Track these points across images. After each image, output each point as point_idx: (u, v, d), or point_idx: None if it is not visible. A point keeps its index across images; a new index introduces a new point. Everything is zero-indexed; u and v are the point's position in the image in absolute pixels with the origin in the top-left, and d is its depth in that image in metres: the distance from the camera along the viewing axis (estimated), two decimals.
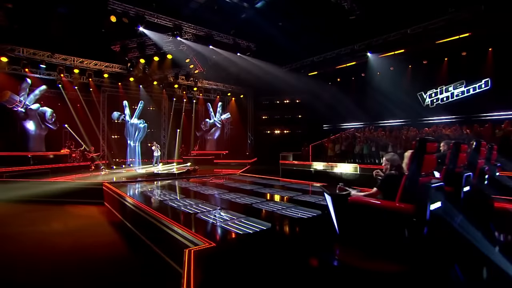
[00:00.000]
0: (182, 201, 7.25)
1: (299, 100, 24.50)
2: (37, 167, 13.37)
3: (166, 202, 7.09)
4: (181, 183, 10.99)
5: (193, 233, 4.21)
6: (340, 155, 16.30)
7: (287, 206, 6.56)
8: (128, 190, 9.09)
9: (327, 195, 3.40)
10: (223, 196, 8.11)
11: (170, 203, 6.90)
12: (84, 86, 17.47)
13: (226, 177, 13.27)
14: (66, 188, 10.18)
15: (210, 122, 22.13)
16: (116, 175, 13.18)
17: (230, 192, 8.65)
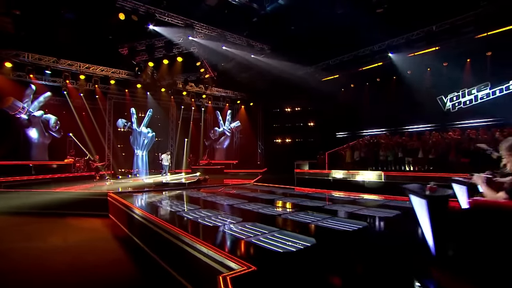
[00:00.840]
0: (198, 212, 6.26)
1: (311, 108, 23.66)
2: (39, 177, 12.55)
3: (180, 213, 6.12)
4: (192, 193, 10.03)
5: (225, 254, 3.22)
6: (359, 163, 15.31)
7: (322, 217, 5.56)
8: (136, 201, 8.15)
9: (418, 198, 2.41)
10: (243, 206, 7.12)
11: (184, 215, 5.93)
12: (90, 93, 16.86)
13: (240, 186, 12.29)
14: (67, 198, 9.28)
15: (219, 130, 21.30)
16: (122, 185, 12.28)
17: (249, 202, 7.66)
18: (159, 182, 12.10)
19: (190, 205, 7.24)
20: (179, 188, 11.27)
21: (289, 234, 4.40)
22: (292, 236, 4.26)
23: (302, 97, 22.15)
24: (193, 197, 9.09)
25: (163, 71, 15.44)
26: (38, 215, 9.04)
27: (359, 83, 18.83)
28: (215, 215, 5.85)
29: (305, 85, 20.41)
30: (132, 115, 17.74)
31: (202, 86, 19.62)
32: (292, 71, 18.66)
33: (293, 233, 4.41)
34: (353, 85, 19.79)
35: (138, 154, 17.51)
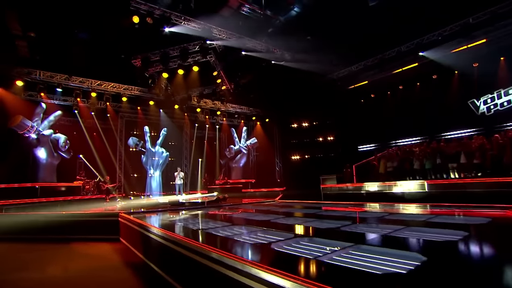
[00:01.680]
0: (233, 229, 4.97)
1: (330, 121, 22.53)
2: (45, 200, 11.51)
3: (211, 231, 4.83)
4: (215, 211, 8.73)
5: (309, 283, 1.94)
6: (393, 174, 13.94)
7: (396, 228, 4.21)
8: (152, 221, 6.90)
9: None
10: (282, 221, 5.79)
11: (217, 233, 4.65)
12: (101, 112, 16.21)
13: (265, 203, 10.94)
14: (72, 221, 8.12)
15: (235, 148, 20.19)
16: (134, 205, 11.09)
17: (286, 217, 6.32)
18: (175, 201, 10.85)
19: (220, 223, 5.95)
20: (198, 207, 9.98)
21: (373, 250, 3.10)
22: (381, 253, 2.95)
23: (320, 110, 21.18)
24: (219, 214, 7.80)
25: (178, 83, 14.67)
26: (39, 241, 7.88)
27: (384, 90, 17.78)
28: (254, 232, 4.55)
29: (323, 97, 19.51)
30: (145, 134, 16.87)
31: (217, 102, 18.84)
32: (311, 80, 17.82)
33: (382, 249, 3.10)
34: (377, 93, 18.75)
35: (151, 174, 16.41)
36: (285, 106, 20.53)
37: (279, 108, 20.98)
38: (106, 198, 14.33)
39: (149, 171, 16.46)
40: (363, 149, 19.18)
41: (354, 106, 19.63)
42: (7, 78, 12.67)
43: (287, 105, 20.42)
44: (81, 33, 14.19)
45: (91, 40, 13.19)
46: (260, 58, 13.50)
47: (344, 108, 20.30)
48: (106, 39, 12.25)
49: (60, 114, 14.33)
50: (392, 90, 17.56)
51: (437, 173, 12.22)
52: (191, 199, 11.88)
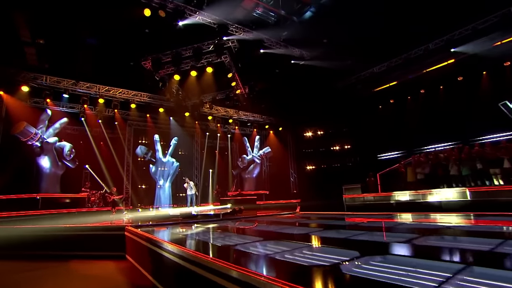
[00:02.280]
0: (264, 246, 3.88)
1: (346, 129, 21.44)
2: (46, 212, 10.57)
3: (240, 248, 3.76)
4: (234, 224, 7.64)
5: None
6: (424, 181, 12.75)
7: (494, 243, 3.11)
8: (164, 235, 5.87)
9: None
10: (328, 234, 4.69)
11: (250, 250, 3.57)
12: (109, 120, 15.46)
13: (286, 215, 9.82)
14: (72, 235, 7.11)
15: (248, 158, 19.16)
16: (142, 218, 10.05)
17: (327, 230, 5.22)
18: (187, 214, 9.78)
19: (247, 237, 4.87)
20: (214, 220, 8.88)
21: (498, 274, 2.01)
22: None
23: (335, 117, 20.19)
24: (241, 227, 6.70)
25: (189, 88, 13.84)
26: (34, 258, 6.88)
27: (405, 94, 16.75)
28: (299, 248, 3.46)
29: (339, 103, 18.56)
30: (155, 143, 16.01)
31: (229, 110, 18.00)
32: (327, 85, 16.90)
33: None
34: (397, 98, 17.69)
35: (160, 186, 15.41)
36: (299, 113, 19.60)
37: (293, 116, 20.04)
38: (112, 210, 13.35)
39: (158, 182, 15.47)
40: (385, 157, 17.97)
41: (372, 112, 18.69)
42: (12, 83, 12.06)
43: (301, 113, 19.49)
44: (89, 35, 13.68)
45: (99, 42, 12.61)
46: (278, 58, 12.63)
47: (361, 115, 19.34)
48: (115, 40, 11.58)
49: (66, 121, 13.62)
50: (414, 93, 16.56)
51: (477, 180, 11.02)
52: (205, 211, 10.80)
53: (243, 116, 18.91)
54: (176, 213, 10.15)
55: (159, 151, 15.81)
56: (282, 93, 15.88)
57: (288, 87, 15.65)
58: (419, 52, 13.08)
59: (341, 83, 17.58)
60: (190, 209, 11.39)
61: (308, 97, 17.59)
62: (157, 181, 15.54)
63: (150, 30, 10.22)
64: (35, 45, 13.18)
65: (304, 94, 17.11)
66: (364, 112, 19.14)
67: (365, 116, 19.20)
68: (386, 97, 18.06)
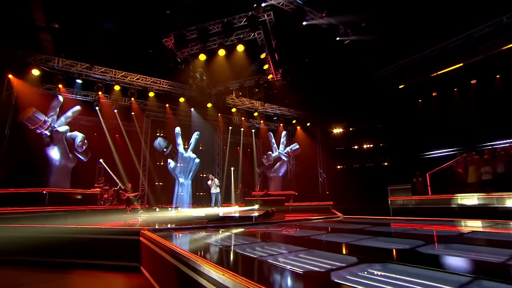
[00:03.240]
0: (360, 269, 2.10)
1: (381, 125, 19.35)
2: (53, 209, 9.22)
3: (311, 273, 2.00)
4: (275, 230, 5.91)
5: None
6: (491, 182, 10.64)
7: None
8: (193, 245, 4.22)
9: None
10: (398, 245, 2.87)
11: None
12: (125, 110, 14.16)
13: (331, 219, 8.02)
14: (76, 239, 5.61)
15: (274, 155, 17.43)
16: (161, 219, 8.51)
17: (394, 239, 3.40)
18: (214, 216, 8.15)
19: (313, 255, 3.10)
20: (247, 224, 7.18)
21: None
22: None
23: (369, 113, 18.17)
24: (291, 236, 4.97)
25: (215, 72, 12.21)
26: (29, 265, 5.44)
27: (451, 86, 14.70)
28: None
29: (377, 96, 16.58)
30: (176, 136, 14.55)
31: (254, 102, 16.37)
32: (362, 76, 14.97)
33: None
34: (442, 91, 15.58)
35: (181, 183, 13.92)
36: (330, 107, 17.73)
37: (324, 110, 18.15)
38: (127, 209, 11.94)
39: (178, 179, 13.97)
40: (432, 155, 15.86)
41: (411, 107, 16.72)
42: (22, 65, 10.90)
43: (333, 106, 17.60)
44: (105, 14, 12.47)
45: (115, 22, 11.31)
46: (319, 36, 10.80)
47: (398, 110, 17.27)
48: (133, 19, 10.18)
49: (79, 109, 12.38)
50: (461, 85, 14.51)
51: None
52: (232, 212, 9.13)
53: (269, 109, 17.20)
54: (200, 215, 8.54)
55: (180, 145, 14.34)
56: (315, 82, 14.05)
57: (322, 75, 13.83)
58: (483, 31, 10.81)
59: (379, 73, 15.60)
60: (216, 210, 9.80)
61: (342, 89, 15.75)
62: (177, 178, 14.05)
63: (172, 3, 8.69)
64: (50, 30, 12.11)
65: (338, 85, 15.29)
66: (402, 106, 17.16)
67: (403, 111, 17.21)
68: (428, 90, 16.10)
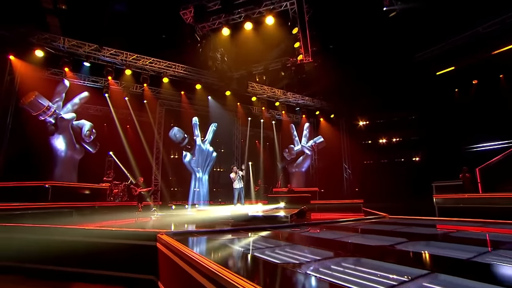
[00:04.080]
0: None
1: (414, 116, 17.68)
2: (56, 205, 8.11)
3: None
4: (325, 233, 4.56)
5: None
6: None
7: None
8: (224, 253, 2.89)
9: None
10: None
11: None
12: (137, 98, 13.02)
13: (373, 220, 6.63)
14: (74, 243, 4.40)
15: (297, 149, 16.03)
16: (179, 219, 7.27)
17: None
18: (241, 216, 6.83)
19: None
20: (282, 225, 5.84)
21: None
22: None
23: (401, 103, 16.54)
24: (357, 244, 3.58)
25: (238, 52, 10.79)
26: (19, 272, 4.28)
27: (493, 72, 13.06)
28: None
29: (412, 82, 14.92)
30: (194, 127, 13.36)
31: (276, 91, 14.99)
32: (403, 58, 13.36)
33: None
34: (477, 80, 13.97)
35: (198, 177, 12.71)
36: (357, 97, 16.18)
37: (350, 100, 16.60)
38: (139, 206, 10.79)
39: (196, 174, 12.75)
40: (480, 149, 14.19)
41: (449, 96, 15.09)
42: (24, 45, 9.83)
43: (361, 96, 16.04)
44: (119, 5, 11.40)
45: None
46: (361, 7, 9.26)
47: (435, 100, 15.59)
48: None
49: (87, 96, 11.29)
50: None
51: None
52: (260, 211, 7.79)
53: (292, 98, 15.75)
54: (224, 214, 7.25)
55: (198, 137, 13.13)
56: (347, 66, 12.53)
57: (356, 57, 12.31)
58: None
59: (419, 56, 13.91)
60: (240, 208, 8.51)
61: (375, 74, 14.18)
62: (195, 172, 12.83)
63: None
64: (57, 12, 11.04)
65: (371, 70, 13.74)
66: (442, 94, 15.52)
67: (443, 100, 15.57)
68: (468, 76, 14.46)
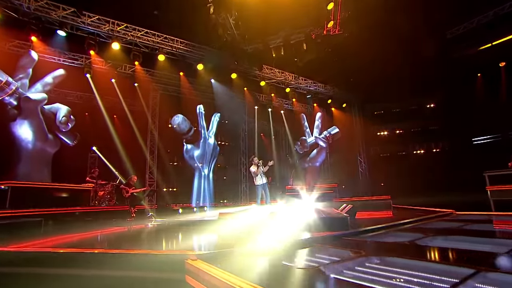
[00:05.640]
0: None
1: (433, 104, 16.24)
2: (17, 212, 5.80)
3: None
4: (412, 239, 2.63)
5: None
6: None
7: None
8: None
9: None
10: None
11: None
12: (127, 81, 10.74)
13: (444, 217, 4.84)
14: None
15: (310, 141, 14.18)
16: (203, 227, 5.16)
17: None
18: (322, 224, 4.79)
19: None
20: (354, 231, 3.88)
21: None
22: None
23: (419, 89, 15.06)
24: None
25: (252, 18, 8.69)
26: None
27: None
28: None
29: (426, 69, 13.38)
30: (199, 116, 11.29)
31: (288, 75, 13.07)
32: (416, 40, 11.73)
33: None
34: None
35: (204, 175, 10.61)
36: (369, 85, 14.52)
37: (364, 87, 14.92)
38: (131, 211, 8.55)
39: (202, 171, 10.62)
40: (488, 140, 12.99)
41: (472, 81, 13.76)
42: None
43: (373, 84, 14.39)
44: None
45: None
46: None
47: (457, 85, 14.18)
48: None
49: (62, 74, 8.91)
50: None
51: None
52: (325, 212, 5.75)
53: (303, 84, 13.86)
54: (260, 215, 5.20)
55: (204, 129, 11.06)
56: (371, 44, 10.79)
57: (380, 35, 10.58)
58: None
59: (449, 32, 12.36)
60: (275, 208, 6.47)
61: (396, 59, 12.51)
62: (199, 169, 10.68)
63: None
64: None
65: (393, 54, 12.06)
66: (462, 81, 14.10)
67: (464, 87, 14.17)
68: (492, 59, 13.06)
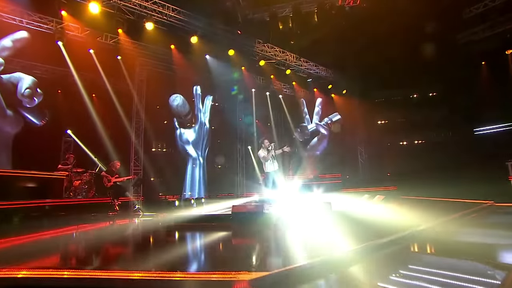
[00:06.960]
0: None
1: (435, 93, 15.66)
2: None
3: None
4: None
5: None
6: None
7: None
8: None
9: None
10: None
11: None
12: (108, 53, 9.18)
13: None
14: None
15: (311, 127, 13.20)
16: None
17: None
18: None
19: None
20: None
21: None
22: None
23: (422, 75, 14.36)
24: None
25: None
26: None
27: None
28: None
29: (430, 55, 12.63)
30: (196, 98, 10.06)
31: (289, 55, 11.88)
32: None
33: None
34: None
35: (200, 163, 9.46)
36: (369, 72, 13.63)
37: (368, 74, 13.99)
38: (114, 204, 7.24)
39: (198, 159, 9.44)
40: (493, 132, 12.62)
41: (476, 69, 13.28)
42: None
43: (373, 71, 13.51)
44: None
45: None
46: None
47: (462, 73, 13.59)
48: None
49: (25, 37, 7.33)
50: None
51: None
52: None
53: (305, 66, 12.72)
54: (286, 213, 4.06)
55: (200, 111, 9.86)
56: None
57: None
58: None
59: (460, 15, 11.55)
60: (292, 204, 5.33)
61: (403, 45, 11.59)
62: (194, 156, 9.48)
63: None
64: None
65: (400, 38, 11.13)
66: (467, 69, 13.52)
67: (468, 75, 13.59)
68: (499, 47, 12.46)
